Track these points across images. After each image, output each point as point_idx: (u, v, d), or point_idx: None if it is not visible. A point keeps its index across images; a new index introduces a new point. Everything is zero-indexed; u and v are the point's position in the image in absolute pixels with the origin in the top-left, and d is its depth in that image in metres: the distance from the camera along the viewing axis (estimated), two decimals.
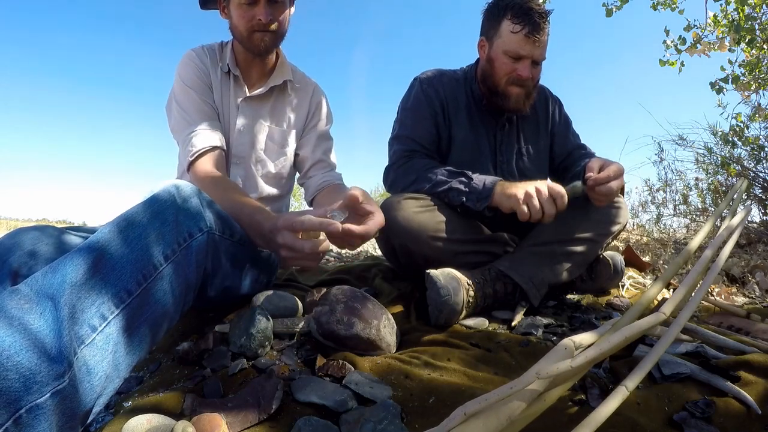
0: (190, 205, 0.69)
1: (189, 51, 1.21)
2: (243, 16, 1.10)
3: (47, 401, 0.44)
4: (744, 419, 0.60)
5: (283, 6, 1.14)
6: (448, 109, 1.31)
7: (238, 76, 1.20)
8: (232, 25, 1.15)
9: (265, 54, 1.18)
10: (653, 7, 3.01)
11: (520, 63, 1.18)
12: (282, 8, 1.14)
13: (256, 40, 1.13)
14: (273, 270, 1.17)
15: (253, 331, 0.79)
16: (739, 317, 0.99)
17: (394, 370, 0.73)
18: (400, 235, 1.11)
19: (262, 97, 1.22)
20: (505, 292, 1.09)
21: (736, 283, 1.65)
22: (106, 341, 0.53)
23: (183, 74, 1.17)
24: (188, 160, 1.08)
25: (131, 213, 0.63)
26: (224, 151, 1.15)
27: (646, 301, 0.62)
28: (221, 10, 1.17)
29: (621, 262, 1.28)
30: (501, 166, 1.33)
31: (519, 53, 1.17)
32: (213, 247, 0.75)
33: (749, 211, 1.30)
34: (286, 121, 1.26)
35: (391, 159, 1.30)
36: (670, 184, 3.57)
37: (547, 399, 0.47)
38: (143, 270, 0.59)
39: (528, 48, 1.16)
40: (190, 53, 1.20)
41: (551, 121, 1.40)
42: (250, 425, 0.59)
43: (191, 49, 1.21)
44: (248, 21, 1.10)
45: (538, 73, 1.23)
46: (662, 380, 0.69)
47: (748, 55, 2.66)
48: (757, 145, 2.85)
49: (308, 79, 1.32)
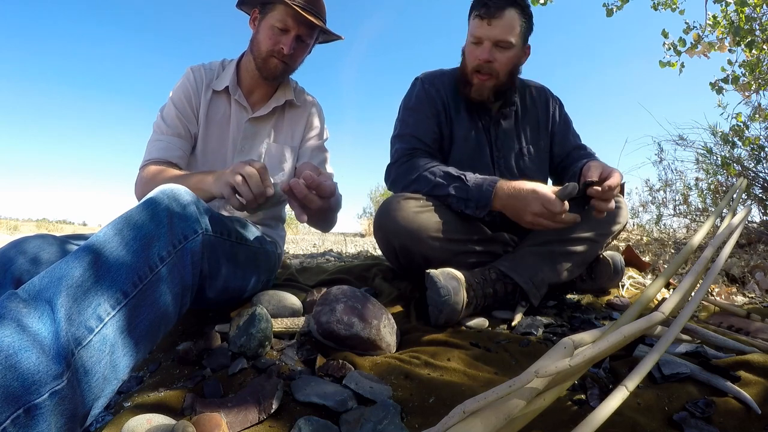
0: (184, 207, 0.70)
1: (188, 70, 1.23)
2: (270, 38, 1.13)
3: (45, 401, 0.45)
4: (744, 419, 0.60)
5: (306, 47, 1.20)
6: (449, 108, 1.31)
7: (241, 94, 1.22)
8: (255, 40, 1.17)
9: (273, 81, 1.21)
10: (654, 8, 3.02)
11: (479, 48, 1.21)
12: (304, 48, 1.20)
13: (271, 64, 1.16)
14: (273, 270, 1.17)
15: (253, 331, 0.79)
16: (739, 317, 0.99)
17: (394, 370, 0.73)
18: (401, 236, 1.11)
19: (264, 117, 1.24)
20: (505, 292, 1.09)
21: (736, 283, 1.65)
22: (103, 342, 0.53)
23: (174, 93, 1.21)
24: (142, 163, 1.15)
25: (127, 215, 0.64)
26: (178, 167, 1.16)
27: (646, 301, 0.62)
28: (252, 20, 1.19)
29: (621, 262, 1.28)
30: (498, 163, 1.32)
31: (476, 36, 1.20)
32: (209, 248, 0.76)
33: (749, 210, 1.30)
34: (286, 139, 1.28)
35: (393, 157, 1.31)
36: (670, 184, 3.58)
37: (547, 398, 0.47)
38: (139, 271, 0.59)
39: (483, 30, 1.19)
40: (188, 73, 1.23)
41: (551, 121, 1.40)
42: (250, 425, 0.59)
43: (191, 67, 1.24)
44: (273, 44, 1.13)
45: (505, 58, 1.21)
46: (662, 380, 0.69)
47: (749, 55, 2.66)
48: (757, 145, 2.85)
49: (307, 96, 1.35)
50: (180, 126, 1.18)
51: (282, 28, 1.12)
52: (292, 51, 1.14)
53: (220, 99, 1.22)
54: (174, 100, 1.20)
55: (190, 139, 1.20)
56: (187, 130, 1.19)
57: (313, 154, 1.29)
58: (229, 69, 1.23)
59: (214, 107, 1.22)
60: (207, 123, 1.21)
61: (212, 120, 1.22)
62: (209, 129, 1.21)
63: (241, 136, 1.22)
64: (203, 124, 1.21)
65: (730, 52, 2.75)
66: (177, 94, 1.20)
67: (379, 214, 1.17)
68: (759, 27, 2.59)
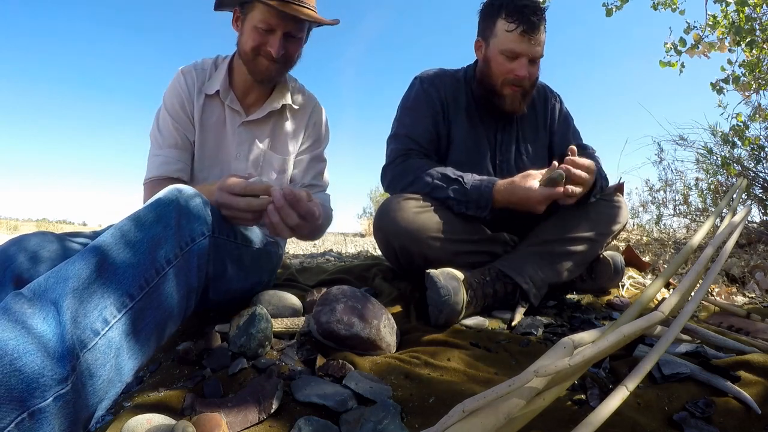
0: (192, 208, 0.69)
1: (179, 72, 1.16)
2: (255, 39, 1.05)
3: (50, 405, 0.44)
4: (744, 419, 0.60)
5: (299, 41, 1.10)
6: (448, 109, 1.31)
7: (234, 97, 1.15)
8: (241, 42, 1.09)
9: (267, 83, 1.13)
10: (653, 7, 3.01)
11: (516, 62, 1.18)
12: (297, 43, 1.10)
13: (261, 66, 1.07)
14: (274, 270, 1.17)
15: (253, 331, 0.79)
16: (739, 317, 0.99)
17: (394, 370, 0.73)
18: (401, 236, 1.11)
19: (259, 120, 1.17)
20: (505, 291, 1.09)
21: (736, 283, 1.65)
22: (108, 345, 0.53)
23: (167, 99, 1.15)
24: (144, 179, 1.13)
25: (134, 216, 0.63)
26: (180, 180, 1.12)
27: (646, 300, 0.62)
28: (234, 20, 1.11)
29: (621, 262, 1.28)
30: (501, 166, 1.32)
31: (515, 52, 1.16)
32: (215, 250, 0.76)
33: (749, 210, 1.30)
34: (283, 148, 1.21)
35: (388, 158, 1.30)
36: (670, 184, 3.58)
37: (546, 397, 0.46)
38: (145, 274, 0.59)
39: (524, 46, 1.15)
40: (179, 76, 1.15)
41: (551, 119, 1.40)
42: (250, 425, 0.59)
43: (182, 69, 1.16)
44: (258, 45, 1.05)
45: (536, 71, 1.22)
46: (662, 380, 0.69)
47: (749, 55, 2.66)
48: (757, 145, 2.85)
49: (307, 97, 1.26)
50: (177, 136, 1.12)
51: (266, 29, 1.03)
52: (283, 51, 1.05)
53: (213, 102, 1.15)
54: (168, 107, 1.14)
55: (189, 147, 1.15)
56: (185, 139, 1.14)
57: (310, 165, 1.24)
58: (221, 70, 1.15)
59: (208, 112, 1.15)
60: (202, 128, 1.15)
61: (207, 125, 1.15)
62: (205, 134, 1.15)
63: (236, 142, 1.16)
64: (198, 129, 1.15)
65: (730, 52, 2.75)
66: (170, 101, 1.14)
67: (378, 214, 1.17)
68: (759, 27, 2.59)
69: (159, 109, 1.17)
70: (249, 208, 0.80)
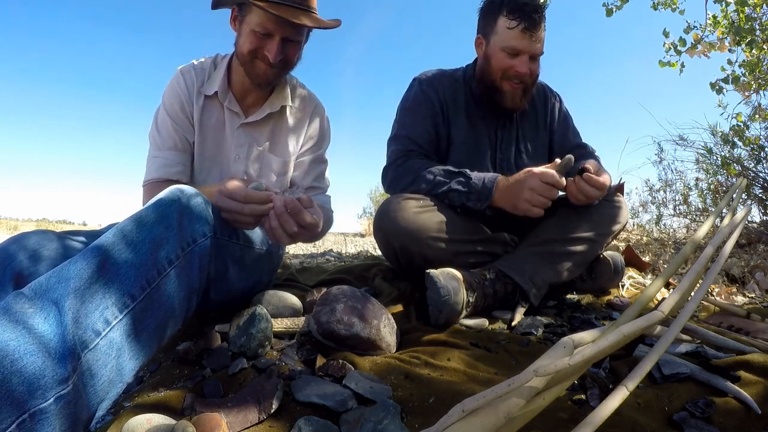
0: (194, 209, 0.69)
1: (178, 72, 1.14)
2: (252, 43, 1.02)
3: (51, 406, 0.44)
4: (744, 419, 0.60)
5: (298, 45, 1.07)
6: (447, 109, 1.31)
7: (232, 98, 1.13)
8: (238, 44, 1.07)
9: (265, 87, 1.12)
10: (653, 7, 3.01)
11: (517, 59, 1.19)
12: (296, 47, 1.07)
13: (259, 69, 1.06)
14: (275, 270, 1.17)
15: (253, 331, 0.79)
16: (739, 317, 0.98)
17: (394, 370, 0.73)
18: (401, 236, 1.11)
19: (258, 122, 1.16)
20: (506, 291, 1.09)
21: (736, 283, 1.65)
22: (109, 346, 0.53)
23: (166, 100, 1.13)
24: (143, 181, 1.12)
25: (136, 217, 0.63)
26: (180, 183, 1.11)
27: (646, 300, 0.62)
28: (232, 19, 1.09)
29: (621, 262, 1.28)
30: (501, 164, 1.33)
31: (516, 49, 1.17)
32: (217, 251, 0.75)
33: (749, 210, 1.30)
34: (285, 147, 1.19)
35: (389, 159, 1.31)
36: (670, 184, 3.58)
37: (546, 397, 0.46)
38: (147, 274, 0.59)
39: (525, 43, 1.16)
40: (178, 76, 1.13)
41: (551, 118, 1.40)
42: (250, 425, 0.59)
43: (180, 69, 1.14)
44: (255, 48, 1.03)
45: (537, 68, 1.22)
46: (662, 380, 0.69)
47: (749, 55, 2.66)
48: (757, 145, 2.84)
49: (308, 96, 1.24)
50: (176, 137, 1.11)
51: (264, 33, 1.01)
52: (281, 55, 1.03)
53: (212, 103, 1.14)
54: (167, 108, 1.12)
55: (188, 149, 1.14)
56: (184, 140, 1.12)
57: (311, 167, 1.23)
58: (220, 70, 1.13)
59: (207, 112, 1.14)
60: (201, 130, 1.13)
61: (206, 126, 1.14)
62: (204, 136, 1.14)
63: (235, 143, 1.14)
64: (198, 130, 1.13)
65: (730, 52, 2.75)
66: (169, 102, 1.12)
67: (378, 214, 1.17)
68: (759, 27, 2.59)
69: (158, 109, 1.16)
70: (251, 213, 0.80)
